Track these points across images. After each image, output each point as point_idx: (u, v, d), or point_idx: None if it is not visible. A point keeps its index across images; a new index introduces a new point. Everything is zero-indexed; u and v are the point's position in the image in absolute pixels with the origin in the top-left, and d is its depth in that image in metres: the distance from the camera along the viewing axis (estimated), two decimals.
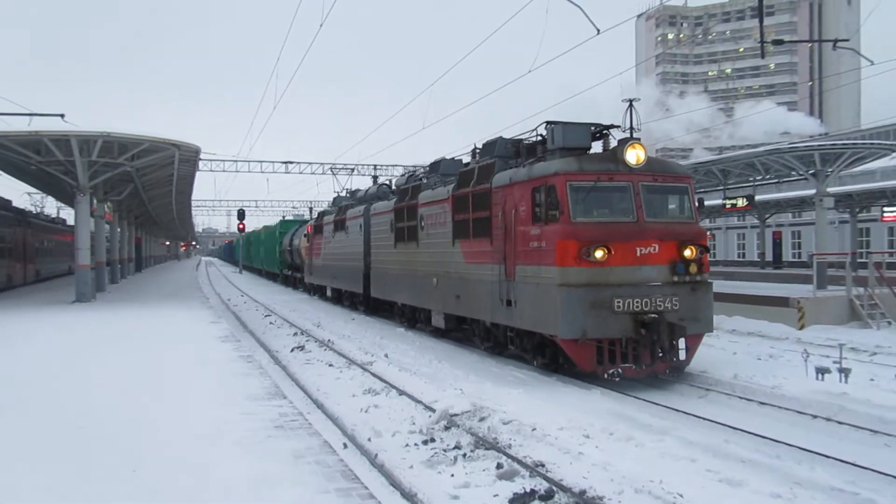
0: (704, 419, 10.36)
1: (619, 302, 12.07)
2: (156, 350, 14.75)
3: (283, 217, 67.32)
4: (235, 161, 58.68)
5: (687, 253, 12.60)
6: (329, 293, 32.75)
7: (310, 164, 59.74)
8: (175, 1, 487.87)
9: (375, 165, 56.63)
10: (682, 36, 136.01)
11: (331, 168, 41.30)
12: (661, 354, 12.41)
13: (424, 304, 19.73)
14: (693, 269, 12.66)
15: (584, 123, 13.95)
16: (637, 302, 12.13)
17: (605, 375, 12.06)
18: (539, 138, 14.89)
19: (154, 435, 8.22)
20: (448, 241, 17.29)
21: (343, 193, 35.20)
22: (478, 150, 17.40)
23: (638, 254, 12.35)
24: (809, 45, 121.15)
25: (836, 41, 22.88)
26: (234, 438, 8.09)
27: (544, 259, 12.75)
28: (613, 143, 13.86)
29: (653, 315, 12.10)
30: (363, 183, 56.29)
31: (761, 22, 17.96)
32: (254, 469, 6.98)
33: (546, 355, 13.73)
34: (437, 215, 18.13)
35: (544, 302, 12.72)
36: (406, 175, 23.58)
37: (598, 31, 17.06)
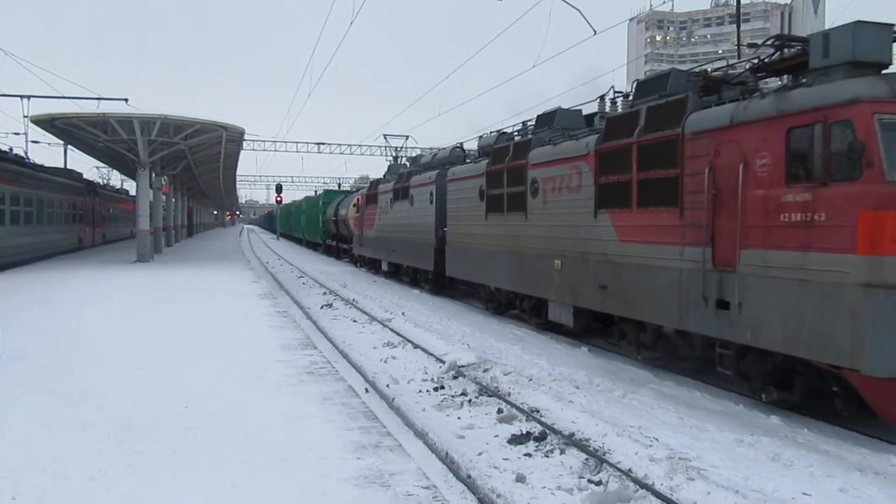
0: (675, 374, 10.36)
1: None
2: (204, 305, 14.85)
3: (315, 190, 67.28)
4: (274, 142, 58.88)
5: None
6: (385, 267, 26.53)
7: (339, 145, 59.82)
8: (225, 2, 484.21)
9: (396, 147, 56.37)
10: (668, 38, 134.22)
11: (384, 135, 36.37)
12: None
13: (537, 292, 13.86)
14: None
15: (881, 24, 7.85)
16: None
17: None
18: (755, 63, 9.13)
19: (203, 377, 8.31)
20: (585, 212, 11.66)
21: (402, 160, 29.63)
22: (618, 95, 12.25)
23: None
24: None
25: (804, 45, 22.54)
26: (272, 382, 8.18)
27: (820, 240, 7.32)
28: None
29: None
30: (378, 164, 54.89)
31: (738, 27, 17.66)
32: (289, 408, 7.07)
33: (794, 389, 8.20)
34: (562, 178, 12.46)
35: (820, 311, 7.30)
36: (496, 133, 17.62)
37: (595, 31, 16.81)
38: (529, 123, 15.84)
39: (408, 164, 28.23)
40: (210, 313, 13.64)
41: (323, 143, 59.30)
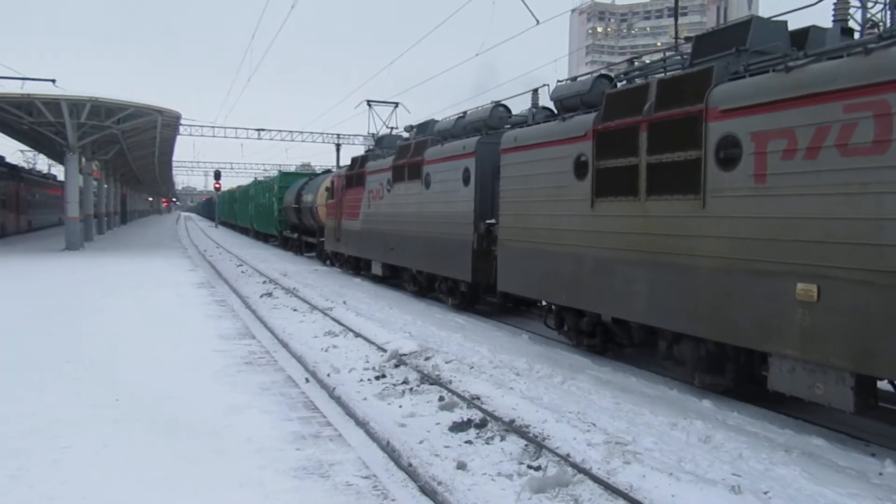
0: (613, 360, 10.60)
1: None
2: (138, 294, 14.42)
3: (256, 176, 65.88)
4: (213, 127, 57.62)
5: None
6: (378, 270, 20.29)
7: (280, 131, 58.90)
8: None
9: (339, 134, 55.82)
10: (609, 30, 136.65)
11: (367, 101, 28.24)
12: None
13: (733, 338, 7.69)
14: None
15: None
16: None
17: None
18: None
19: (135, 368, 8.07)
20: None
21: (397, 131, 22.31)
22: None
23: None
24: None
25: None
26: (210, 372, 8.01)
27: None
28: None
29: None
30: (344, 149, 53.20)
31: (676, 21, 18.11)
32: (227, 399, 6.94)
33: None
34: (815, 133, 6.71)
35: None
36: (584, 77, 11.39)
37: (538, 21, 16.94)
38: (668, 49, 10.46)
39: (407, 133, 20.54)
40: (144, 302, 13.25)
41: (263, 129, 58.32)
